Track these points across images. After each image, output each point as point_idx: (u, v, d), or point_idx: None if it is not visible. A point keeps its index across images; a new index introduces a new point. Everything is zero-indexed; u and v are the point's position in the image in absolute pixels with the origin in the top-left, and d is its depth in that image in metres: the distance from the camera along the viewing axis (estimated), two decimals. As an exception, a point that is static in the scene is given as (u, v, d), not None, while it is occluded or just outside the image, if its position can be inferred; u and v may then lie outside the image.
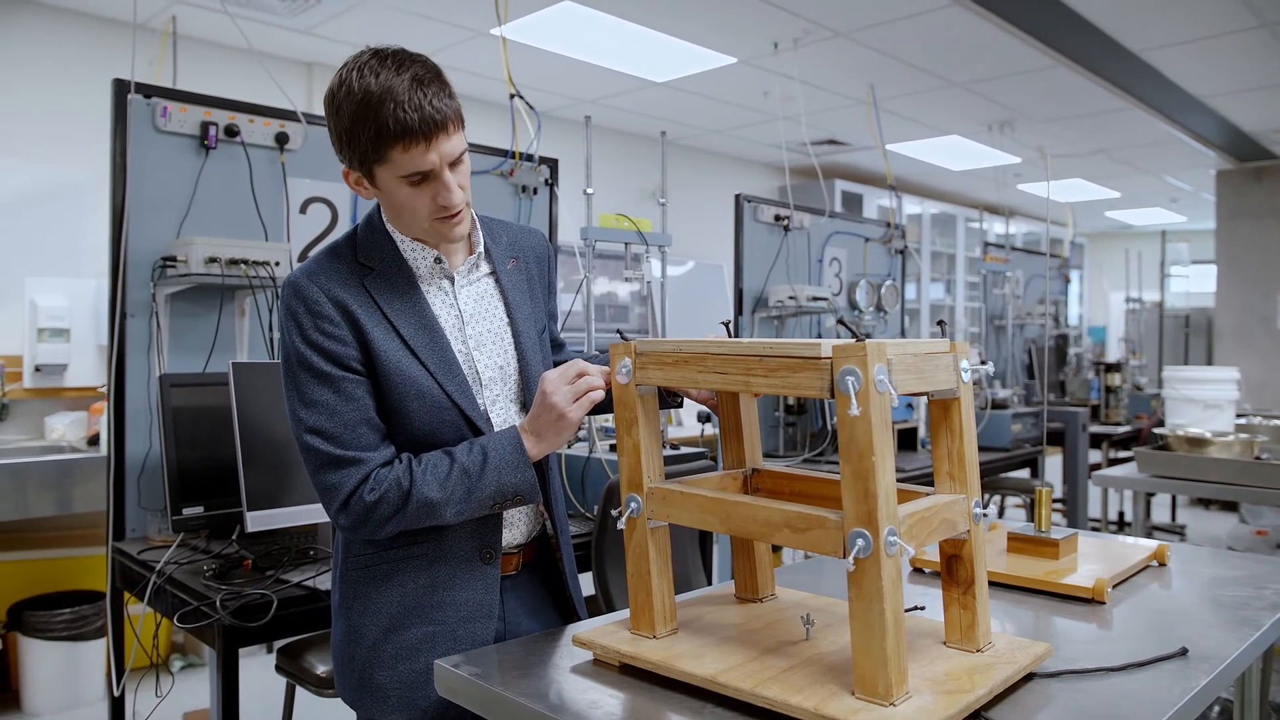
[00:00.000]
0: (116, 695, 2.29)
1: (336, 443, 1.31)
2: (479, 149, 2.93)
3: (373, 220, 1.43)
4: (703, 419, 3.51)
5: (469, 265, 1.47)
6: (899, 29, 4.55)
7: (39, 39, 4.10)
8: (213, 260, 2.27)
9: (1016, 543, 1.77)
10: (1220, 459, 3.19)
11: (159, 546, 2.17)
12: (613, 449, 2.43)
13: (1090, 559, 1.73)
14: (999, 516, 5.60)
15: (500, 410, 1.46)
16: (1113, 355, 9.86)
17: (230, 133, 2.47)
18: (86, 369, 3.84)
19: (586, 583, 1.78)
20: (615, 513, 1.26)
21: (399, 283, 1.40)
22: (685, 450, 2.53)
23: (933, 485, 1.19)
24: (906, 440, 3.85)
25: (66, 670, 3.42)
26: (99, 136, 2.47)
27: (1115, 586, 1.60)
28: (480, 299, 1.48)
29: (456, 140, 1.31)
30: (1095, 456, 5.55)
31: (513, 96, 2.92)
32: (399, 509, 1.31)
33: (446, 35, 4.64)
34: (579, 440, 2.62)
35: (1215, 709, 2.88)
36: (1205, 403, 3.69)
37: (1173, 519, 6.73)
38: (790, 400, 3.84)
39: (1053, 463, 5.41)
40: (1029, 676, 1.15)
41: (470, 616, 1.41)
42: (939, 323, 1.25)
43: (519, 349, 1.48)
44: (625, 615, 1.29)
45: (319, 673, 2.12)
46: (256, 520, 2.03)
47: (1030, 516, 5.06)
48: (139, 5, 4.01)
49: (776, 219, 4.06)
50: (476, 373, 1.43)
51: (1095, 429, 5.50)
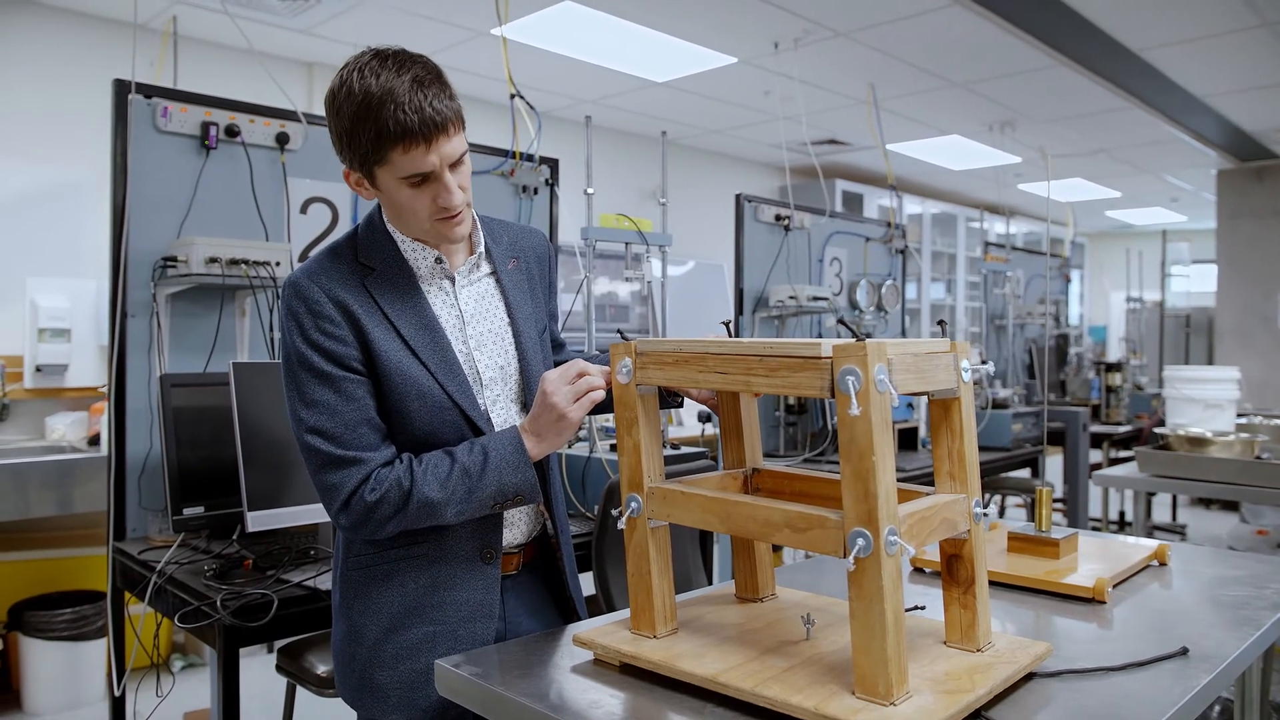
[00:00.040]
0: (117, 695, 2.29)
1: (337, 443, 1.32)
2: (479, 149, 2.93)
3: (373, 220, 1.43)
4: (703, 419, 3.51)
5: (470, 265, 1.47)
6: (899, 29, 4.55)
7: (39, 39, 4.10)
8: (213, 260, 2.27)
9: (1017, 542, 1.77)
10: (1221, 459, 3.19)
11: (160, 546, 2.17)
12: (613, 449, 2.43)
13: (1091, 559, 1.73)
14: (999, 516, 5.60)
15: (501, 410, 1.46)
16: (1113, 355, 9.87)
17: (231, 133, 2.47)
18: (87, 369, 3.85)
19: (587, 582, 1.79)
20: (616, 512, 1.26)
21: (400, 283, 1.40)
22: (686, 450, 2.53)
23: (933, 485, 1.20)
24: (907, 440, 3.85)
25: (67, 670, 3.42)
26: (99, 136, 2.47)
27: (1116, 586, 1.60)
28: (481, 299, 1.48)
29: (457, 141, 1.31)
30: (1096, 456, 5.55)
31: (513, 96, 2.92)
32: (400, 509, 1.31)
33: (447, 35, 4.64)
34: (579, 440, 2.62)
35: (1216, 708, 2.88)
36: (1206, 402, 3.69)
37: (1173, 519, 6.73)
38: (791, 400, 3.84)
39: (1053, 462, 5.41)
40: (1029, 676, 1.15)
41: (471, 616, 1.41)
42: (939, 322, 1.25)
43: (519, 349, 1.48)
44: (626, 615, 1.29)
45: (319, 672, 2.12)
46: (257, 520, 2.03)
47: (1031, 516, 5.06)
48: (139, 5, 4.01)
49: (777, 219, 4.06)
50: (477, 373, 1.43)
51: (1096, 429, 5.50)
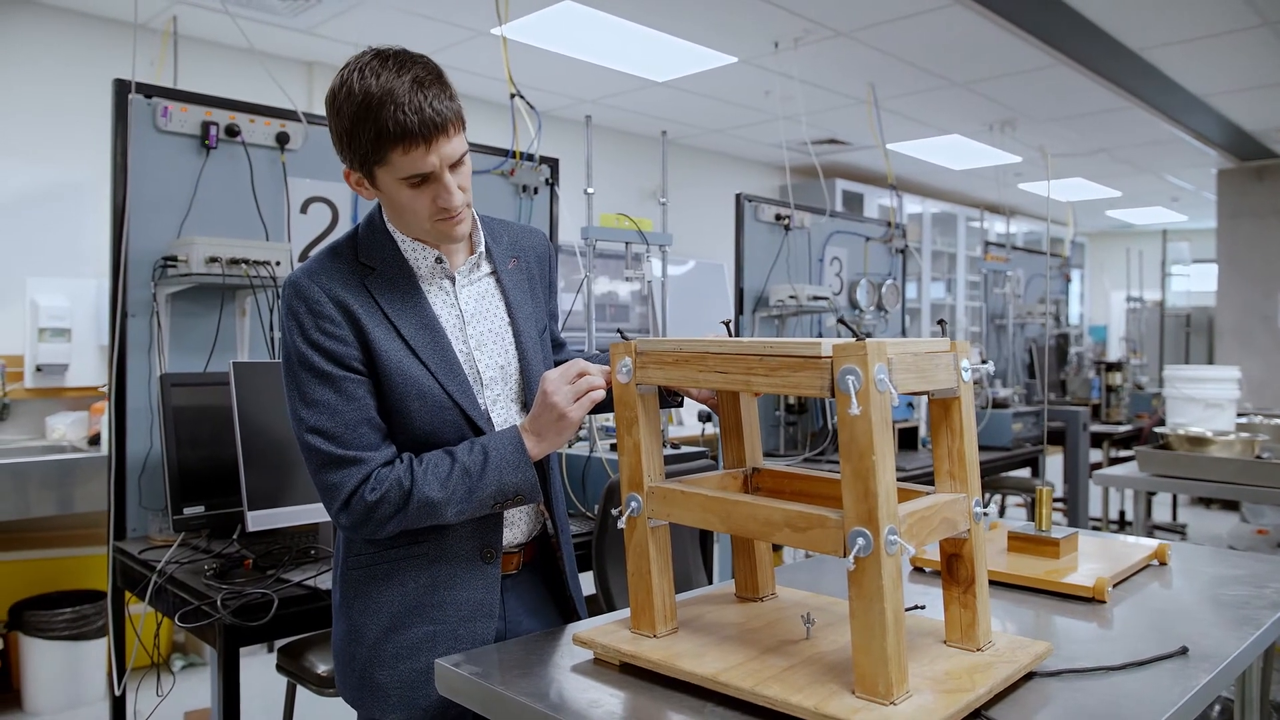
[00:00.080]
0: (118, 695, 2.29)
1: (338, 442, 1.32)
2: (479, 149, 2.93)
3: (374, 220, 1.43)
4: (703, 418, 3.50)
5: (470, 265, 1.47)
6: (900, 28, 4.55)
7: (39, 39, 4.10)
8: (213, 260, 2.27)
9: (1017, 542, 1.77)
10: (1221, 458, 3.19)
11: (160, 546, 2.17)
12: (613, 448, 2.43)
13: (1091, 558, 1.73)
14: (1000, 516, 5.60)
15: (501, 410, 1.46)
16: (1114, 354, 9.87)
17: (231, 132, 2.47)
18: (87, 369, 3.85)
19: (587, 582, 1.79)
20: (616, 512, 1.26)
21: (400, 282, 1.40)
22: (686, 449, 2.53)
23: (933, 484, 1.20)
24: (907, 439, 3.85)
25: (68, 670, 3.42)
26: (100, 136, 2.47)
27: (1116, 585, 1.60)
28: (481, 299, 1.48)
29: (457, 142, 1.31)
30: (1096, 456, 5.55)
31: (513, 96, 2.92)
32: (400, 508, 1.31)
33: (447, 35, 4.64)
34: (579, 440, 2.62)
35: (1216, 708, 2.88)
36: (1206, 402, 3.69)
37: (1174, 518, 6.73)
38: (791, 399, 3.84)
39: (1053, 462, 5.41)
40: (1029, 675, 1.15)
41: (471, 616, 1.41)
42: (939, 322, 1.25)
43: (520, 348, 1.48)
44: (626, 614, 1.29)
45: (320, 672, 2.12)
46: (257, 520, 2.03)
47: (1031, 516, 5.06)
48: (140, 5, 4.01)
49: (777, 218, 4.06)
50: (477, 372, 1.43)
51: (1096, 428, 5.50)
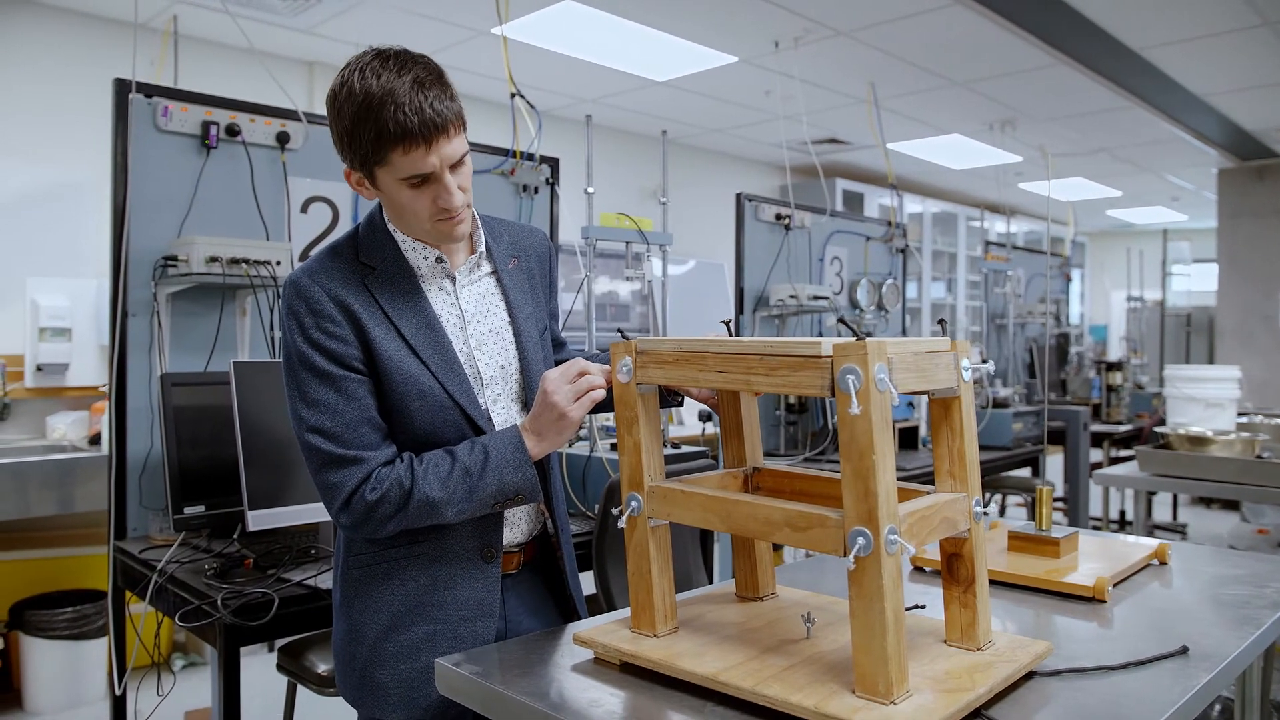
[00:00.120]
0: (118, 694, 2.30)
1: (338, 442, 1.32)
2: (480, 148, 2.93)
3: (374, 219, 1.43)
4: (703, 418, 3.50)
5: (470, 264, 1.47)
6: (900, 28, 4.55)
7: (39, 39, 4.10)
8: (214, 259, 2.27)
9: (1017, 541, 1.77)
10: (1222, 458, 3.19)
11: (160, 545, 2.17)
12: (613, 448, 2.43)
13: (1091, 558, 1.73)
14: (1000, 515, 5.60)
15: (501, 409, 1.46)
16: (1114, 354, 9.86)
17: (231, 132, 2.47)
18: (88, 368, 3.85)
19: (587, 581, 1.79)
20: (616, 511, 1.26)
21: (400, 282, 1.40)
22: (686, 449, 2.53)
23: (933, 484, 1.20)
24: (907, 439, 3.84)
25: (68, 669, 3.42)
26: (100, 136, 2.47)
27: (1116, 585, 1.60)
28: (482, 298, 1.48)
29: (457, 143, 1.31)
30: (1096, 455, 5.55)
31: (514, 96, 2.92)
32: (400, 508, 1.31)
33: (447, 35, 4.64)
34: (580, 439, 2.62)
35: (1216, 707, 2.88)
36: (1207, 401, 3.68)
37: (1174, 518, 6.73)
38: (791, 399, 3.84)
39: (1054, 461, 5.41)
40: (1029, 675, 1.15)
41: (471, 615, 1.41)
42: (940, 321, 1.25)
43: (520, 348, 1.48)
44: (626, 614, 1.29)
45: (320, 671, 2.12)
46: (258, 519, 2.03)
47: (1031, 515, 5.06)
48: (140, 5, 4.01)
49: (777, 218, 4.06)
50: (478, 372, 1.43)
51: (1096, 428, 5.50)
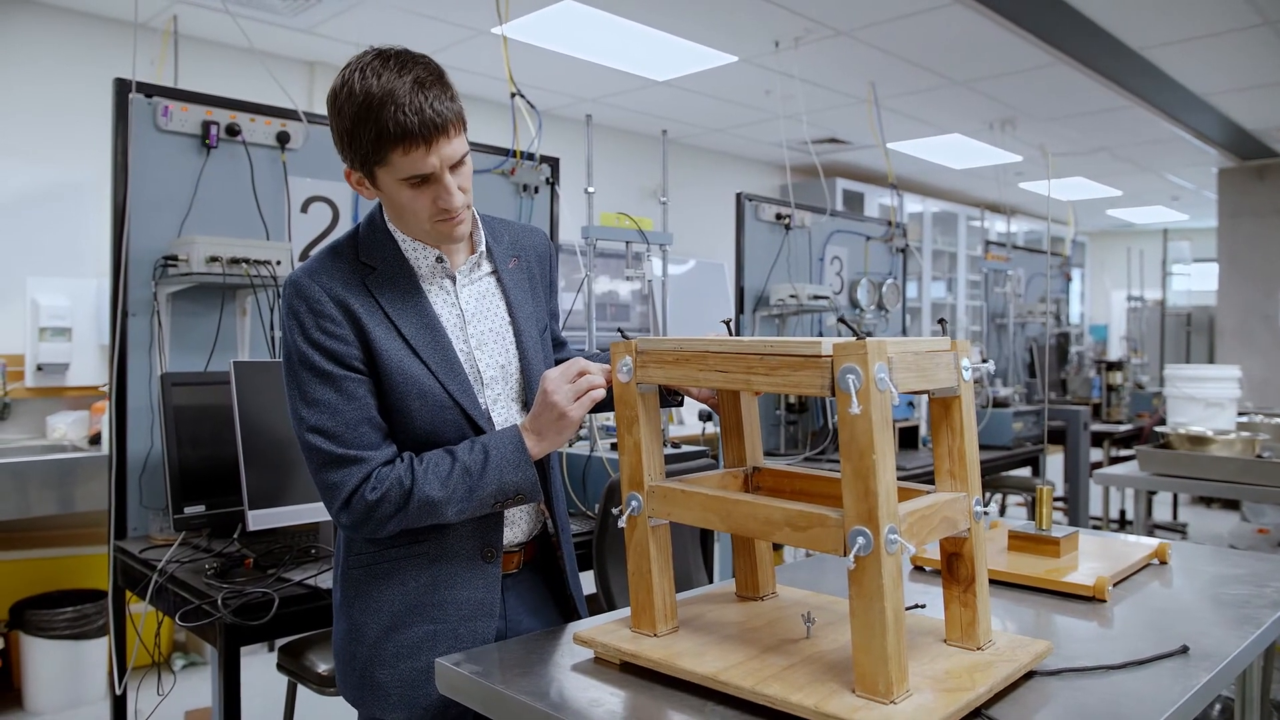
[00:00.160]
0: (118, 694, 2.30)
1: (338, 441, 1.32)
2: (480, 148, 2.93)
3: (374, 219, 1.43)
4: (704, 417, 3.50)
5: (470, 264, 1.47)
6: (900, 27, 4.55)
7: (39, 39, 4.10)
8: (214, 259, 2.27)
9: (1017, 541, 1.77)
10: (1222, 457, 3.19)
11: (160, 545, 2.17)
12: (614, 447, 2.43)
13: (1091, 557, 1.73)
14: (1000, 515, 5.60)
15: (502, 409, 1.46)
16: (1114, 353, 9.85)
17: (231, 132, 2.47)
18: (88, 368, 3.85)
19: (587, 581, 1.79)
20: (616, 511, 1.26)
21: (401, 282, 1.40)
22: (686, 449, 2.53)
23: (933, 483, 1.20)
24: (907, 438, 3.84)
25: (68, 669, 3.42)
26: (100, 136, 2.47)
27: (1116, 584, 1.60)
28: (482, 298, 1.48)
29: (458, 143, 1.30)
30: (1096, 455, 5.55)
31: (514, 95, 2.92)
32: (400, 508, 1.31)
33: (447, 34, 4.64)
34: (580, 439, 2.62)
35: (1216, 707, 2.88)
36: (1207, 401, 3.68)
37: (1174, 517, 6.73)
38: (791, 399, 3.84)
39: (1054, 461, 5.41)
40: (1030, 674, 1.15)
41: (471, 615, 1.41)
42: (940, 321, 1.25)
43: (520, 348, 1.48)
44: (626, 613, 1.29)
45: (320, 671, 2.12)
46: (258, 519, 2.03)
47: (1031, 515, 5.05)
48: (140, 5, 4.01)
49: (778, 217, 4.06)
50: (478, 372, 1.44)
51: (1097, 427, 5.50)
